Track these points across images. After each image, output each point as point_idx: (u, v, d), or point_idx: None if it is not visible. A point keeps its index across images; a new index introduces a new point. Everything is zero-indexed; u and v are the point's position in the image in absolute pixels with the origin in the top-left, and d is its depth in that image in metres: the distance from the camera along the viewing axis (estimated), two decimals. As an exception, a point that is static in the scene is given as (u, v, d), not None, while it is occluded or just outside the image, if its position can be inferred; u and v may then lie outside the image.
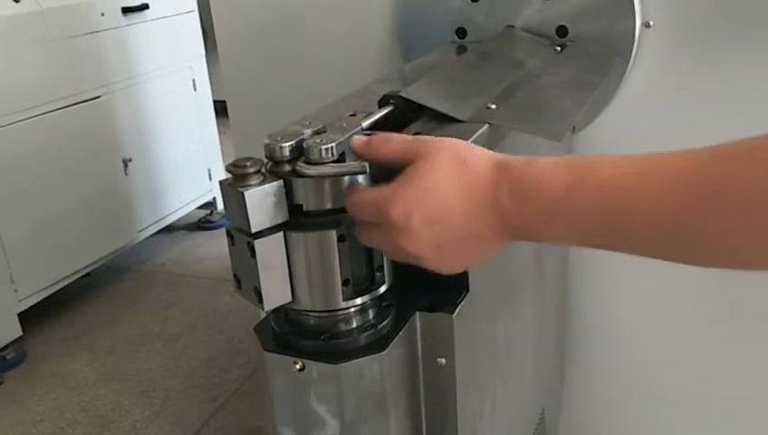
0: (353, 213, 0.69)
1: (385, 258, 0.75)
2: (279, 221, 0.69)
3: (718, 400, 1.50)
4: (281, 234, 0.69)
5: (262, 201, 0.68)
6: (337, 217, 0.71)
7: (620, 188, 0.58)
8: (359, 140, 0.71)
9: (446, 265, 0.69)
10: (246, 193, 0.66)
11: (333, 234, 0.70)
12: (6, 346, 2.76)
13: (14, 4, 2.76)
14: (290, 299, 0.72)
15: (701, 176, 0.55)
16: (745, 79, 1.26)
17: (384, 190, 0.66)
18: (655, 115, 1.33)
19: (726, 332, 1.44)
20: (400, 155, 0.68)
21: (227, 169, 0.69)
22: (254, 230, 0.68)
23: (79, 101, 3.03)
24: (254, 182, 0.68)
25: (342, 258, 0.71)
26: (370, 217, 0.67)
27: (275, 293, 0.71)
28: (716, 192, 0.54)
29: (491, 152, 0.68)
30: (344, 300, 0.73)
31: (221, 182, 0.70)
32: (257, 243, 0.68)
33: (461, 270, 0.71)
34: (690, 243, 0.56)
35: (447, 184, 0.65)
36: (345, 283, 0.72)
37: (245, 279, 0.71)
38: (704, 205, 0.54)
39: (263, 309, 0.71)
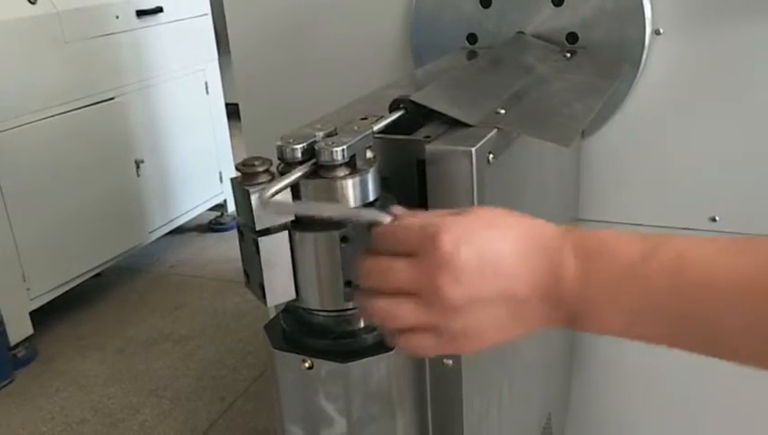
0: (386, 243, 0.61)
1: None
2: (284, 220, 0.71)
3: (726, 407, 1.49)
4: (285, 233, 0.71)
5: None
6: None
7: (698, 257, 0.52)
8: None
9: (471, 333, 0.59)
10: (252, 191, 0.68)
11: (336, 235, 0.71)
12: (18, 344, 2.79)
13: (31, 6, 2.79)
14: (293, 296, 0.73)
15: None
16: (755, 86, 1.26)
17: (435, 219, 0.58)
18: (664, 121, 1.33)
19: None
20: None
21: (237, 168, 0.71)
22: (258, 228, 0.69)
23: (92, 102, 3.06)
24: (262, 181, 0.69)
25: (345, 259, 0.72)
26: (407, 246, 0.58)
27: (278, 289, 0.72)
28: None
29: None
30: (346, 301, 0.74)
31: (232, 180, 0.72)
32: (261, 240, 0.69)
33: (478, 346, 0.61)
34: None
35: (507, 231, 0.58)
36: (347, 284, 0.72)
37: (252, 275, 0.73)
38: None
39: (265, 304, 0.72)
